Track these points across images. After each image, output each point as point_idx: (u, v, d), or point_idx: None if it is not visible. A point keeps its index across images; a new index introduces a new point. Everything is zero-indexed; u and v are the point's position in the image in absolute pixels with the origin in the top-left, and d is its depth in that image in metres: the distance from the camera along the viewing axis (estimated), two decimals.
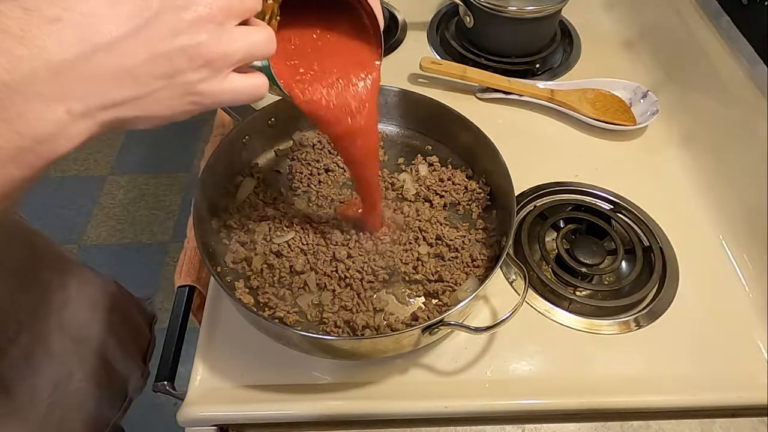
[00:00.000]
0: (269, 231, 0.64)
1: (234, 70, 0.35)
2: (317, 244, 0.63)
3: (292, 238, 0.63)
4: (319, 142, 0.75)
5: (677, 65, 0.91)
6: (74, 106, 0.29)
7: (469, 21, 0.95)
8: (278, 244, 0.62)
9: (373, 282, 0.61)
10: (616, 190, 0.78)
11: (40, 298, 0.65)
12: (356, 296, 0.60)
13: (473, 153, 0.72)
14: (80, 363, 0.70)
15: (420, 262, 0.63)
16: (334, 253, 0.62)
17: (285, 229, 0.64)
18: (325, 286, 0.60)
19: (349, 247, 0.63)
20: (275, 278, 0.61)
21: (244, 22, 0.35)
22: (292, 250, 0.63)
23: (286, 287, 0.60)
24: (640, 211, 0.76)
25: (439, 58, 0.97)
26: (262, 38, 0.36)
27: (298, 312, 0.59)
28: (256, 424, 0.58)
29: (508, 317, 0.53)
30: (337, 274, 0.61)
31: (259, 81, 0.37)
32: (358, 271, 0.61)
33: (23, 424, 0.62)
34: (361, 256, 0.63)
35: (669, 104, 0.88)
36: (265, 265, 0.62)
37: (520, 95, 0.89)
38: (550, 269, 0.69)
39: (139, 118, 0.33)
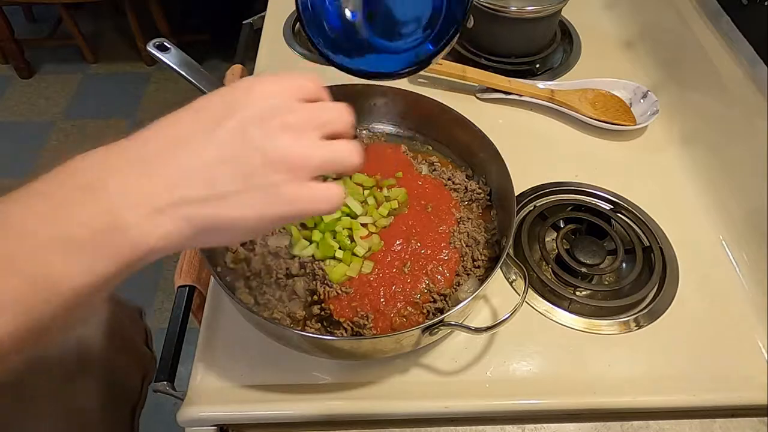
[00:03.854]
0: (268, 232, 0.64)
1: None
2: None
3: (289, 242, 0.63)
4: None
5: (677, 65, 0.91)
6: (152, 203, 0.30)
7: (469, 21, 0.95)
8: (276, 246, 0.62)
9: None
10: (616, 190, 0.78)
11: None
12: None
13: (473, 153, 0.72)
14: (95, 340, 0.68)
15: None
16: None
17: (282, 231, 0.64)
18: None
19: None
20: (272, 280, 0.61)
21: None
22: (288, 252, 0.62)
23: (281, 289, 0.60)
24: (640, 211, 0.76)
25: None
26: (344, 148, 0.35)
27: (290, 315, 0.59)
28: (256, 424, 0.58)
29: (508, 317, 0.53)
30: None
31: (338, 190, 0.35)
32: None
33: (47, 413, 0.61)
34: None
35: (669, 104, 0.88)
36: (263, 266, 0.62)
37: (520, 95, 0.89)
38: (550, 269, 0.69)
39: (222, 221, 0.32)
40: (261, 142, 0.32)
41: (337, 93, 0.73)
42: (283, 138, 0.33)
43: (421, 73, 0.89)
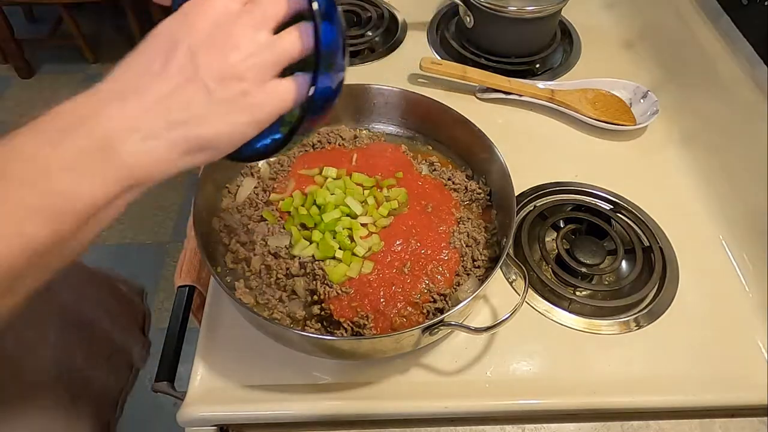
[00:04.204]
0: (268, 232, 0.64)
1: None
2: None
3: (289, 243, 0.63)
4: (319, 142, 0.75)
5: (677, 65, 0.91)
6: (143, 131, 0.34)
7: (469, 21, 0.95)
8: (276, 246, 0.62)
9: None
10: (616, 190, 0.78)
11: None
12: None
13: (473, 153, 0.72)
14: (78, 343, 0.70)
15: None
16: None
17: (282, 231, 0.64)
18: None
19: None
20: (272, 279, 0.61)
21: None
22: (288, 253, 0.63)
23: (281, 289, 0.60)
24: (640, 211, 0.76)
25: (439, 58, 0.97)
26: (288, 39, 0.38)
27: (290, 315, 0.59)
28: (256, 424, 0.58)
29: (508, 317, 0.53)
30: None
31: (290, 85, 0.38)
32: None
33: (39, 411, 0.62)
34: None
35: (669, 104, 0.88)
36: (263, 266, 0.62)
37: (520, 95, 0.89)
38: (550, 269, 0.69)
39: (203, 137, 0.36)
40: (212, 61, 0.35)
41: None
42: (231, 52, 0.36)
43: (421, 73, 0.90)
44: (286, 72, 0.39)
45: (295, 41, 0.37)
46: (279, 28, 0.38)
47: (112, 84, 0.36)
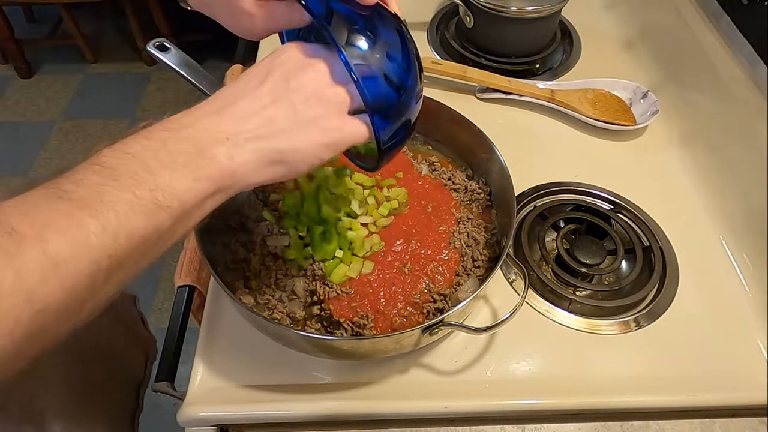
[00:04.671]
0: (267, 232, 0.64)
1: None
2: None
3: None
4: None
5: (677, 65, 0.91)
6: (231, 140, 0.39)
7: (469, 21, 0.95)
8: (275, 247, 0.62)
9: None
10: (616, 190, 0.78)
11: None
12: None
13: (473, 153, 0.72)
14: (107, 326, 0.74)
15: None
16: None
17: (282, 231, 0.64)
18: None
19: None
20: (272, 280, 0.61)
21: None
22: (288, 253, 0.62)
23: (281, 290, 0.60)
24: (640, 211, 0.76)
25: (439, 58, 0.97)
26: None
27: (290, 315, 0.59)
28: (256, 424, 0.58)
29: (508, 317, 0.53)
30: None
31: (363, 124, 0.43)
32: None
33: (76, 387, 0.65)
34: None
35: (669, 104, 0.88)
36: (263, 267, 0.62)
37: (520, 95, 0.89)
38: (550, 269, 0.69)
39: (283, 150, 0.40)
40: (299, 84, 0.41)
41: None
42: (317, 79, 0.42)
43: None
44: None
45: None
46: None
47: (211, 103, 0.41)
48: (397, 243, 0.61)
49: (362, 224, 0.63)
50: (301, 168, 0.42)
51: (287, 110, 0.40)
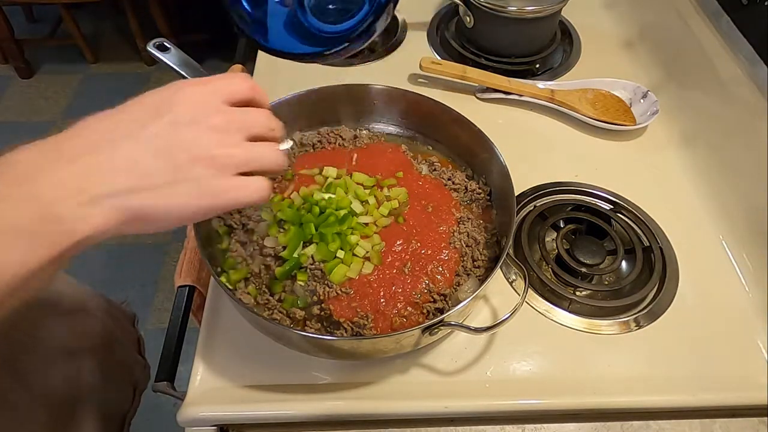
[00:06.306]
0: (267, 232, 0.64)
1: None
2: None
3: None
4: (319, 142, 0.75)
5: (677, 65, 0.91)
6: (83, 194, 0.33)
7: (469, 21, 0.95)
8: (273, 247, 0.62)
9: None
10: (616, 190, 0.78)
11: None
12: None
13: (473, 153, 0.72)
14: (86, 365, 0.70)
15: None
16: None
17: (282, 231, 0.64)
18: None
19: None
20: (272, 280, 0.61)
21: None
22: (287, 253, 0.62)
23: (281, 290, 0.60)
24: (640, 211, 0.76)
25: (439, 58, 0.97)
26: (265, 150, 0.39)
27: (290, 315, 0.59)
28: (256, 424, 0.58)
29: (508, 317, 0.53)
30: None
31: (262, 183, 0.39)
32: None
33: (39, 427, 0.61)
34: None
35: (669, 104, 0.88)
36: (263, 266, 0.62)
37: (520, 95, 0.89)
38: (550, 269, 0.69)
39: (151, 210, 0.35)
40: (188, 139, 0.36)
41: (338, 92, 0.74)
42: (209, 137, 0.36)
43: (421, 73, 0.90)
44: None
45: (272, 153, 0.40)
46: None
47: (71, 139, 0.34)
48: (397, 243, 0.61)
49: (363, 224, 0.63)
50: (169, 227, 0.37)
51: (167, 166, 0.35)
